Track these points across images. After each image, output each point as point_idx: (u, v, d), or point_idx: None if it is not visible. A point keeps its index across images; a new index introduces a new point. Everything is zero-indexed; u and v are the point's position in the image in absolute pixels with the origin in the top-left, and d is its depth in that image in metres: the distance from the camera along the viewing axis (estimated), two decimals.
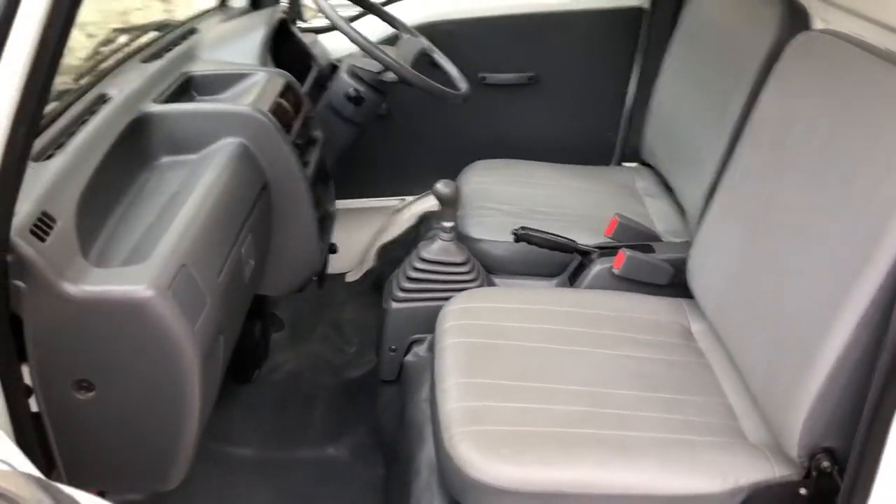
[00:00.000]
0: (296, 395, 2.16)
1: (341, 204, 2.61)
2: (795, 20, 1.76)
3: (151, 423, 1.24)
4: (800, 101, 1.50)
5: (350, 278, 2.70)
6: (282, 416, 2.08)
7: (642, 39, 2.45)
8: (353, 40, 1.86)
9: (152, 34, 1.95)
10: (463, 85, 2.13)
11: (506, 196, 2.23)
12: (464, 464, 1.32)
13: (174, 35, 1.92)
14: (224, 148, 1.54)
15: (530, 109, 2.54)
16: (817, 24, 1.75)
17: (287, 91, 1.77)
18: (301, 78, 2.02)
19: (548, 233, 1.91)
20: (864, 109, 1.34)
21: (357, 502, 1.85)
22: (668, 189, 2.35)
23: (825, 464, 1.27)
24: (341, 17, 1.88)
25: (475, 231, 2.05)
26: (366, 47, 1.86)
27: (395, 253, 2.57)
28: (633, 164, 2.55)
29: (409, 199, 2.67)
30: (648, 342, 1.65)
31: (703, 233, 1.72)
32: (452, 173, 2.54)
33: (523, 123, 2.57)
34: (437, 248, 1.88)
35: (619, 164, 2.60)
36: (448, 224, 1.88)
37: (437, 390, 1.50)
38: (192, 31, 1.98)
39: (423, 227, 2.45)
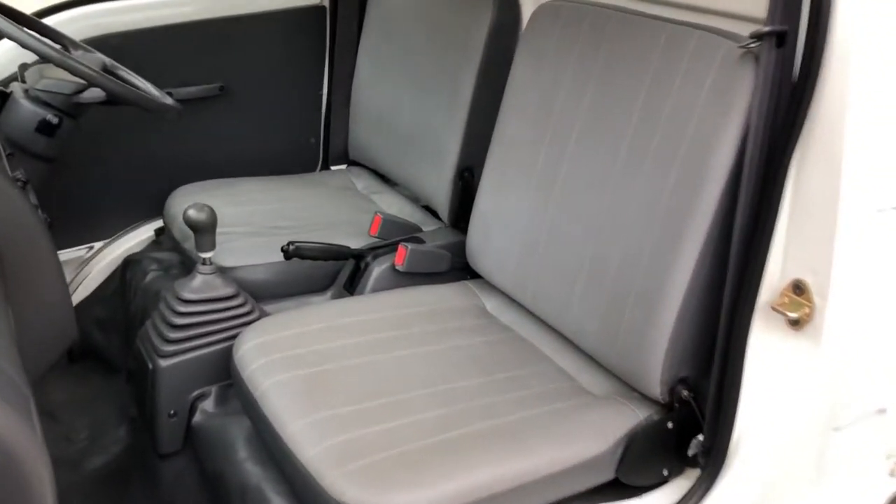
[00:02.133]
0: None
1: None
2: None
3: None
4: (557, 67, 1.57)
5: None
6: None
7: (329, 38, 2.38)
8: (39, 52, 1.50)
9: None
10: (168, 99, 1.85)
11: (233, 218, 2.00)
12: None
13: None
14: None
15: (225, 123, 2.32)
16: None
17: None
18: None
19: (318, 242, 1.76)
20: (618, 62, 1.44)
21: None
22: (388, 183, 2.33)
23: (685, 393, 1.36)
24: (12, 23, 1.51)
25: (225, 259, 1.80)
26: (60, 60, 1.52)
27: (97, 311, 2.17)
28: (342, 167, 2.48)
29: (98, 244, 2.27)
30: (460, 329, 1.61)
31: (480, 212, 1.73)
32: (150, 207, 2.23)
33: (219, 139, 2.33)
34: (198, 284, 1.61)
35: (325, 168, 2.50)
36: (207, 255, 1.62)
37: (282, 440, 1.28)
38: None
39: (131, 274, 2.09)
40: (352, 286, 1.80)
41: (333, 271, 1.86)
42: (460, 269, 1.84)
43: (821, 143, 1.13)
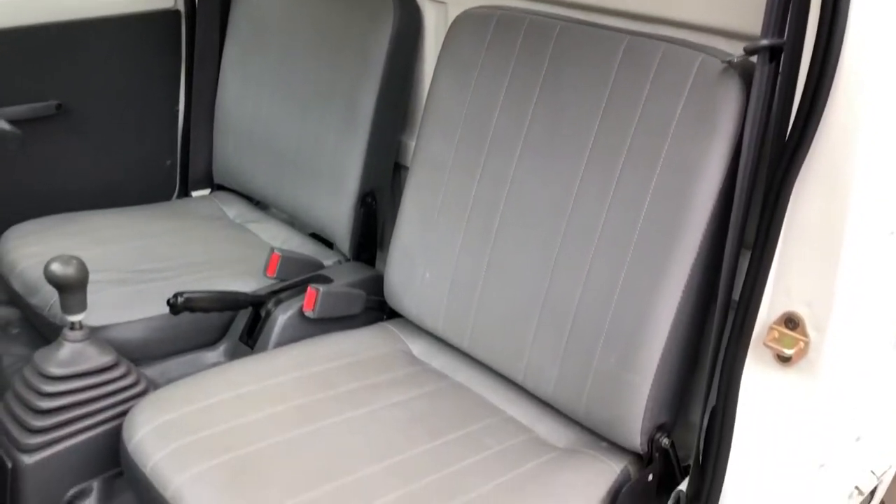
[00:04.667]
0: None
1: None
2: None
3: None
4: (490, 81, 1.40)
5: None
6: None
7: (185, 48, 2.07)
8: None
9: None
10: (4, 124, 1.50)
11: (88, 263, 1.66)
12: None
13: None
14: None
15: (64, 147, 1.95)
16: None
17: None
18: None
19: (210, 291, 1.48)
20: (567, 77, 1.30)
21: None
22: (263, 210, 2.07)
23: (665, 441, 1.24)
24: None
25: (92, 317, 1.47)
26: None
27: None
28: (205, 192, 2.17)
29: None
30: (391, 381, 1.41)
31: (401, 245, 1.52)
32: None
33: (58, 166, 1.96)
34: (67, 355, 1.29)
35: (185, 194, 2.18)
36: (76, 318, 1.31)
37: None
38: None
39: None
40: (251, 338, 1.54)
41: (223, 322, 1.59)
42: (374, 308, 1.63)
43: (825, 165, 1.04)
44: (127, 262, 1.69)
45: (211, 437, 1.19)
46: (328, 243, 1.86)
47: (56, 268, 1.26)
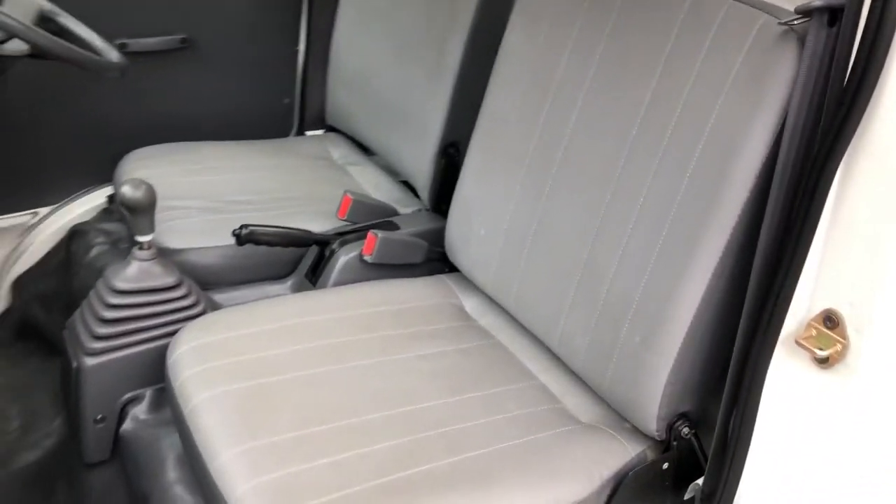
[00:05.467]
0: None
1: None
2: None
3: None
4: (557, 34, 1.34)
5: None
6: None
7: None
8: None
9: None
10: (113, 54, 1.62)
11: (188, 189, 1.79)
12: None
13: None
14: None
15: (187, 79, 2.08)
16: None
17: None
18: None
19: (277, 227, 1.55)
20: (630, 32, 1.21)
21: None
22: (365, 153, 2.11)
23: (685, 430, 1.16)
24: None
25: (173, 240, 1.59)
26: None
27: (40, 285, 1.96)
28: (319, 132, 2.25)
29: (44, 210, 2.05)
30: (431, 333, 1.41)
31: (462, 197, 1.51)
32: (102, 171, 2.00)
33: (181, 97, 2.10)
34: (134, 272, 1.40)
35: (300, 133, 2.27)
36: (145, 238, 1.41)
37: (212, 470, 1.09)
38: None
39: (76, 245, 1.88)
40: (314, 275, 1.59)
41: (295, 257, 1.65)
42: (437, 259, 1.63)
43: (878, 146, 0.91)
44: (223, 192, 1.79)
45: (239, 362, 1.25)
46: (415, 191, 1.88)
47: (126, 190, 1.36)
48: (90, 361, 1.37)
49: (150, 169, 1.86)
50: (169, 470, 1.27)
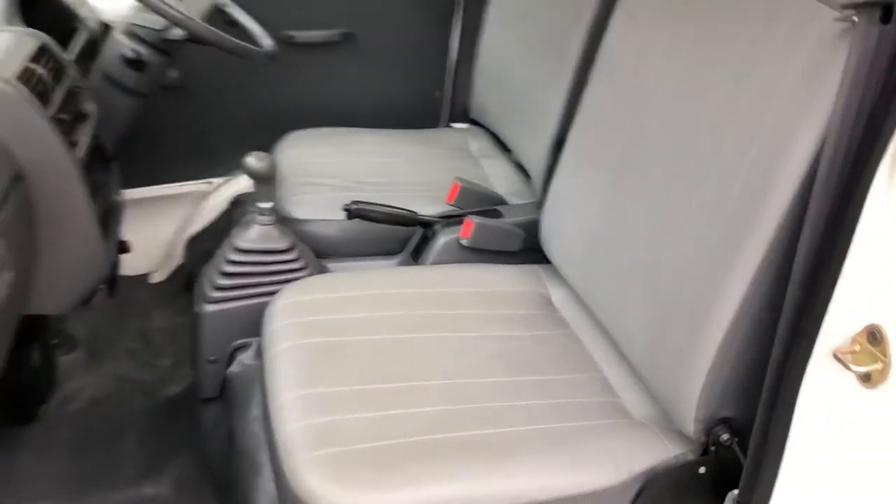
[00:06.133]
0: (100, 427, 1.79)
1: (136, 193, 2.23)
2: None
3: None
4: (648, 32, 1.34)
5: (155, 279, 2.33)
6: (84, 454, 1.71)
7: None
8: None
9: None
10: (267, 41, 1.83)
11: (329, 168, 1.96)
12: (314, 500, 1.06)
13: None
14: None
15: (346, 70, 2.27)
16: None
17: (42, 55, 1.40)
18: (65, 44, 1.64)
19: (384, 205, 1.67)
20: (715, 21, 1.19)
21: None
22: (504, 149, 2.18)
23: (724, 436, 1.13)
24: None
25: (299, 211, 1.77)
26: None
27: (207, 245, 2.22)
28: (464, 125, 2.35)
29: (217, 181, 2.32)
30: (509, 318, 1.46)
31: (555, 189, 1.55)
32: (266, 148, 2.23)
33: (339, 86, 2.29)
34: (254, 234, 1.59)
35: (447, 125, 2.39)
36: (265, 205, 1.59)
37: (272, 408, 1.22)
38: None
39: (237, 212, 2.13)
40: (417, 254, 1.70)
41: (406, 236, 1.77)
42: (537, 250, 1.67)
43: None
44: (357, 173, 1.95)
45: (320, 321, 1.38)
46: None
47: (251, 162, 1.54)
48: (208, 308, 1.57)
49: (300, 148, 2.06)
50: (253, 408, 1.43)
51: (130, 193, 2.14)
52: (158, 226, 2.32)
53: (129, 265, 2.30)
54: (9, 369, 1.48)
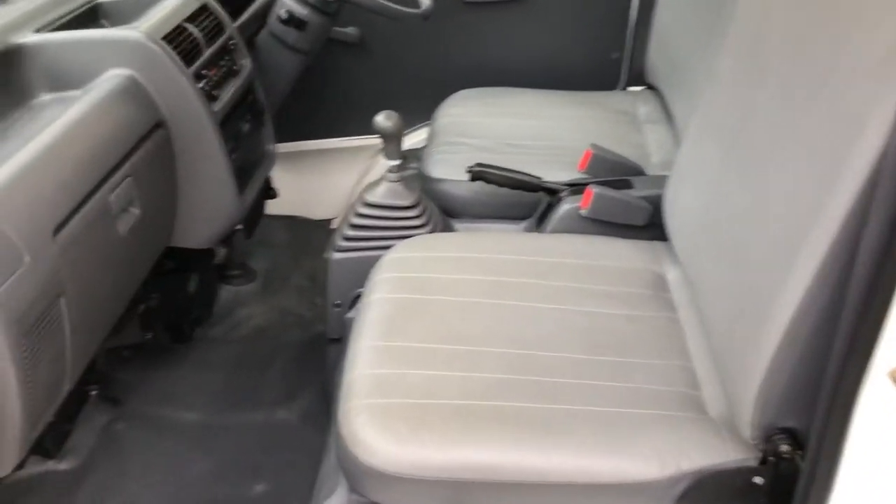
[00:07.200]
0: (255, 353, 2.00)
1: (321, 144, 2.42)
2: None
3: None
4: (775, 3, 1.20)
5: (335, 225, 2.51)
6: (236, 376, 1.92)
7: None
8: None
9: None
10: (425, 1, 1.87)
11: (482, 129, 1.98)
12: (354, 444, 1.12)
13: None
14: (108, 81, 1.35)
15: (521, 30, 2.26)
16: None
17: (200, 14, 1.56)
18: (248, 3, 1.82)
19: (507, 169, 1.66)
20: (833, 10, 1.04)
21: (302, 473, 1.68)
22: (669, 114, 2.05)
23: (784, 447, 1.02)
24: None
25: (436, 170, 1.82)
26: None
27: None
28: (639, 88, 2.25)
29: None
30: (609, 294, 1.40)
31: (679, 161, 1.45)
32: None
33: (515, 46, 2.29)
34: (382, 190, 1.66)
35: (624, 88, 2.30)
36: (394, 163, 1.65)
37: (349, 353, 1.30)
38: None
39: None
40: (541, 222, 1.67)
41: (536, 201, 1.75)
42: (662, 226, 1.57)
43: None
44: (507, 136, 1.95)
45: (415, 277, 1.42)
46: None
47: (379, 119, 1.61)
48: (336, 256, 1.68)
49: (460, 108, 2.10)
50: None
51: (316, 144, 2.33)
52: (342, 176, 2.49)
53: (315, 211, 2.51)
54: (167, 295, 1.71)
